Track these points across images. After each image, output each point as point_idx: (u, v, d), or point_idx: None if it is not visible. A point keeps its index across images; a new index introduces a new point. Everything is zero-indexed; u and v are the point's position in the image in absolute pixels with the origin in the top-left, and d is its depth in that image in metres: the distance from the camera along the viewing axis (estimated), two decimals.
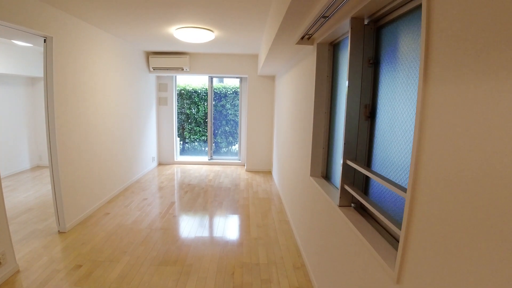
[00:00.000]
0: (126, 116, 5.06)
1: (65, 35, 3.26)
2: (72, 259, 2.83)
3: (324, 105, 2.46)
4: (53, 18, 3.06)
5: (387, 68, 1.54)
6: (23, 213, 3.87)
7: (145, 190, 4.99)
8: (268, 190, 5.08)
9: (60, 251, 2.96)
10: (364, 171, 1.53)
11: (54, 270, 2.63)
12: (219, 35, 4.23)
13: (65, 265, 2.72)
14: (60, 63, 3.21)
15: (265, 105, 6.40)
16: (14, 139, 5.93)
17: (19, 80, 5.92)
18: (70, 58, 3.37)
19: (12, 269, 2.56)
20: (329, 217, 2.05)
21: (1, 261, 2.43)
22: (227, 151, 7.58)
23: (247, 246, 3.11)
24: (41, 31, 2.90)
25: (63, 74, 3.26)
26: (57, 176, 3.25)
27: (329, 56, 2.34)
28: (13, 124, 5.89)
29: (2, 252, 2.45)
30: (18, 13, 2.62)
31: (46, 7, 2.95)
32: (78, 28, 3.50)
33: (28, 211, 3.93)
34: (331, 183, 2.34)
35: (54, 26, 3.08)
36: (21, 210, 3.96)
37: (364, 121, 1.74)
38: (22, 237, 3.21)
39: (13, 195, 4.59)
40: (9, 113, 5.78)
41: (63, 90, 3.27)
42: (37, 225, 3.50)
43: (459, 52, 0.82)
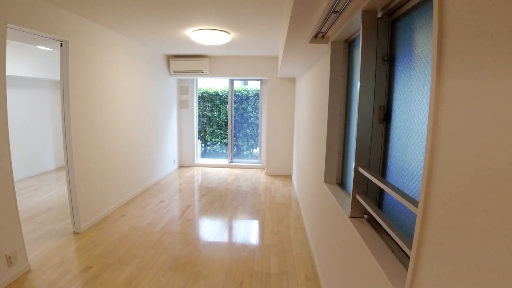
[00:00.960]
0: (145, 119, 5.10)
1: (81, 39, 3.30)
2: (83, 260, 2.83)
3: (339, 107, 2.31)
4: (69, 23, 3.10)
5: (403, 65, 1.38)
6: (43, 212, 3.96)
7: (163, 192, 4.99)
8: (287, 195, 4.93)
9: (73, 251, 2.97)
10: (374, 180, 1.38)
11: (64, 271, 2.64)
12: (236, 37, 4.16)
13: (76, 266, 2.72)
14: (76, 66, 3.25)
15: (285, 108, 6.27)
16: (40, 140, 6.15)
17: (44, 84, 6.14)
18: (86, 62, 3.41)
19: (24, 268, 2.59)
20: (340, 229, 1.90)
21: (12, 260, 2.45)
22: (248, 154, 7.50)
23: (259, 254, 2.99)
24: (57, 35, 2.94)
25: (79, 77, 3.30)
26: (72, 177, 3.28)
27: (344, 55, 2.19)
28: (39, 126, 6.12)
29: (13, 251, 2.48)
30: (35, 18, 2.67)
31: (61, 12, 2.99)
32: (94, 31, 3.54)
33: (47, 211, 4.01)
34: (345, 191, 2.18)
35: (70, 30, 3.12)
36: (41, 210, 4.05)
37: (378, 124, 1.58)
38: (38, 236, 3.26)
39: (36, 194, 4.73)
40: (35, 115, 6.00)
41: (79, 93, 3.31)
42: (54, 225, 3.55)
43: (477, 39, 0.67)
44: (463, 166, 0.71)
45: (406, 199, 1.08)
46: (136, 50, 4.66)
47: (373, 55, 1.52)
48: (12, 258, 2.46)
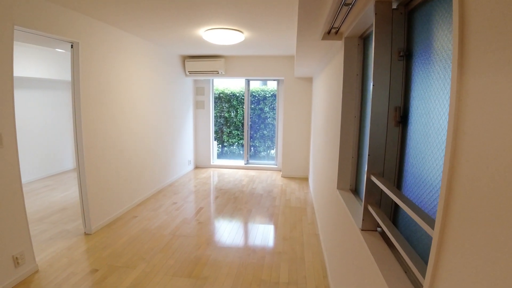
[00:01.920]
0: (161, 119, 5.07)
1: (92, 40, 3.28)
2: (91, 262, 2.79)
3: (354, 108, 2.15)
4: (79, 24, 3.08)
5: (422, 61, 1.22)
6: (56, 212, 3.99)
7: (176, 194, 4.95)
8: (302, 199, 4.77)
9: (82, 253, 2.95)
10: (388, 191, 1.23)
11: (71, 273, 2.61)
12: (249, 36, 4.05)
13: (83, 268, 2.69)
14: (87, 68, 3.23)
15: (302, 108, 6.10)
16: (59, 140, 6.26)
17: (63, 85, 6.26)
18: (97, 63, 3.39)
19: (31, 269, 2.58)
20: (352, 241, 1.74)
21: (19, 261, 2.44)
22: (265, 156, 7.38)
23: (269, 261, 2.86)
24: (67, 37, 2.93)
25: (90, 79, 3.28)
26: (83, 178, 3.27)
27: (358, 52, 2.03)
28: (58, 126, 6.23)
29: (20, 252, 2.47)
30: (44, 20, 2.66)
31: (72, 14, 2.97)
32: (106, 32, 3.51)
33: (61, 211, 4.04)
34: (359, 199, 2.02)
35: (80, 31, 3.10)
36: (55, 210, 4.09)
37: (394, 127, 1.42)
38: (49, 237, 3.26)
39: (52, 194, 4.79)
40: (54, 116, 6.12)
41: (90, 94, 3.29)
42: (66, 226, 3.56)
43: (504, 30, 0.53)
44: (491, 180, 0.57)
45: (421, 217, 0.93)
46: (150, 51, 4.64)
47: (388, 50, 1.36)
48: (19, 259, 2.45)
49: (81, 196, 3.32)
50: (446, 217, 0.74)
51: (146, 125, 4.62)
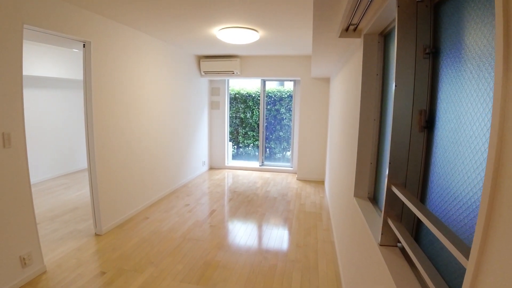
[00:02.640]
0: (175, 120, 5.03)
1: (104, 40, 3.25)
2: (99, 264, 2.75)
3: (373, 110, 2.00)
4: (91, 23, 3.05)
5: (451, 59, 1.08)
6: (69, 211, 4.00)
7: (189, 196, 4.89)
8: (317, 203, 4.62)
9: (91, 254, 2.92)
10: (411, 205, 1.09)
11: (78, 275, 2.57)
12: (265, 35, 3.94)
13: (91, 271, 2.64)
14: (100, 67, 3.20)
15: (319, 109, 5.94)
16: (75, 138, 6.34)
17: (77, 84, 6.32)
18: (110, 62, 3.36)
19: (39, 269, 2.56)
20: (369, 255, 1.60)
21: (26, 261, 2.42)
22: (280, 157, 7.25)
23: (281, 269, 2.74)
24: (79, 36, 2.91)
25: (102, 78, 3.25)
26: (94, 178, 3.24)
27: (379, 50, 1.88)
28: (74, 125, 6.31)
29: (28, 253, 2.45)
30: (55, 20, 2.63)
31: (84, 13, 2.94)
32: (118, 32, 3.48)
33: (73, 210, 4.04)
34: (378, 209, 1.87)
35: (92, 31, 3.07)
36: (68, 209, 4.10)
37: (418, 132, 1.28)
38: (60, 237, 3.25)
39: (66, 193, 4.83)
40: (70, 115, 6.20)
41: (101, 94, 3.26)
42: (78, 225, 3.55)
43: None
44: None
45: (452, 241, 0.79)
46: (165, 50, 4.60)
47: (412, 47, 1.22)
48: (26, 259, 2.42)
49: (92, 196, 3.29)
50: (485, 246, 0.61)
51: (160, 125, 4.58)
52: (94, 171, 3.23)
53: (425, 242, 1.24)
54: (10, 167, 2.28)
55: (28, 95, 5.23)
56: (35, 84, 5.35)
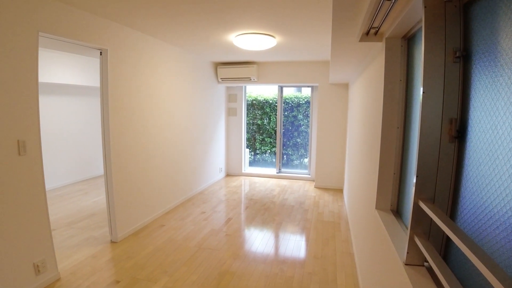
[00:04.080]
0: (192, 126, 5.03)
1: (121, 47, 3.27)
2: (113, 273, 2.73)
3: (396, 118, 1.90)
4: (108, 31, 3.08)
5: (484, 63, 0.98)
6: (86, 218, 4.03)
7: (205, 203, 4.85)
8: (336, 212, 4.48)
9: (105, 262, 2.90)
10: (440, 223, 0.99)
11: (92, 283, 2.55)
12: (281, 41, 3.88)
13: (105, 279, 2.62)
14: (116, 74, 3.22)
15: (337, 116, 5.81)
16: (93, 145, 6.45)
17: (95, 91, 6.45)
18: (127, 70, 3.38)
19: (53, 277, 2.56)
20: (393, 275, 1.49)
21: (40, 269, 2.42)
22: (298, 164, 7.14)
23: (298, 282, 2.64)
24: (96, 44, 2.93)
25: (119, 85, 3.27)
26: (110, 185, 3.25)
27: (402, 54, 1.79)
28: (92, 131, 6.42)
29: (42, 260, 2.45)
30: (71, 27, 2.66)
31: (100, 20, 2.97)
32: (135, 39, 3.50)
33: (90, 217, 4.07)
34: (402, 223, 1.76)
35: (109, 38, 3.10)
36: (85, 215, 4.13)
37: (448, 143, 1.18)
38: (76, 243, 3.27)
39: (83, 199, 4.88)
40: (88, 121, 6.31)
41: (119, 101, 3.28)
42: (94, 232, 3.56)
43: None
44: None
45: (487, 265, 0.69)
46: (182, 57, 4.61)
47: (441, 50, 1.13)
48: (40, 266, 2.43)
49: (108, 203, 3.29)
50: None
51: (177, 132, 4.58)
52: (111, 178, 3.24)
53: (455, 263, 1.13)
54: (25, 174, 2.29)
55: (47, 102, 5.37)
56: (54, 91, 5.48)
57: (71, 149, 5.89)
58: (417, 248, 1.24)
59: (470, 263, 1.00)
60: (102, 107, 3.15)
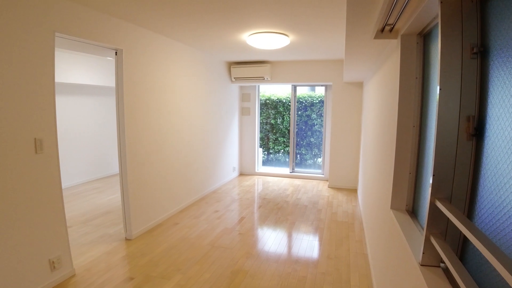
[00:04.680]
0: (206, 126, 5.06)
1: (135, 47, 3.32)
2: (127, 269, 2.77)
3: (412, 116, 1.86)
4: (123, 31, 3.13)
5: (503, 58, 0.95)
6: (101, 215, 4.11)
7: (219, 202, 4.88)
8: (350, 212, 4.44)
9: (120, 259, 2.95)
10: (457, 222, 0.97)
11: (107, 279, 2.60)
12: (295, 40, 3.86)
13: (119, 276, 2.67)
14: (131, 74, 3.28)
15: (351, 115, 5.75)
16: (109, 144, 6.58)
17: (110, 91, 6.58)
18: (141, 69, 3.43)
19: (68, 273, 2.62)
20: (408, 276, 1.46)
21: (55, 265, 2.48)
22: (311, 164, 7.10)
23: (310, 282, 2.62)
24: (111, 44, 2.99)
25: (134, 85, 3.32)
26: (125, 183, 3.30)
27: (418, 51, 1.75)
28: (108, 130, 6.55)
29: (57, 256, 2.50)
30: (87, 28, 2.72)
31: (115, 21, 3.02)
32: (149, 39, 3.55)
33: (105, 214, 4.15)
34: (418, 223, 1.73)
35: (124, 38, 3.15)
36: (100, 213, 4.22)
37: (466, 141, 1.15)
38: (91, 240, 3.34)
39: (98, 196, 4.98)
40: (104, 121, 6.44)
41: (133, 100, 3.33)
42: (108, 229, 3.63)
43: None
44: None
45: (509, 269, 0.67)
46: (196, 57, 4.65)
47: (458, 46, 1.10)
48: (55, 263, 2.48)
49: (123, 201, 3.35)
50: None
51: (191, 132, 4.62)
52: (126, 176, 3.29)
53: (472, 264, 1.10)
54: (42, 172, 2.36)
55: (64, 101, 5.51)
56: (70, 91, 5.61)
57: (86, 148, 6.03)
58: (433, 248, 1.22)
59: (488, 264, 0.97)
60: (118, 107, 3.21)
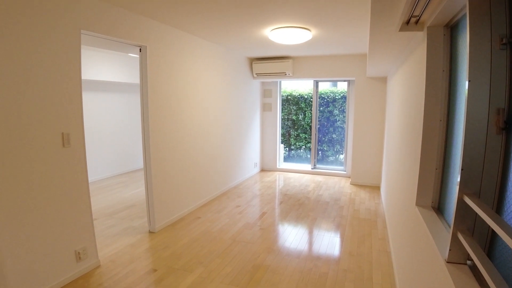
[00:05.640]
0: (228, 121, 5.11)
1: (159, 44, 3.39)
2: (151, 261, 2.86)
3: (439, 110, 1.81)
4: (146, 28, 3.20)
5: None
6: (125, 209, 4.24)
7: (240, 197, 4.92)
8: (372, 210, 4.37)
9: (143, 251, 3.04)
10: (486, 218, 0.94)
11: (130, 271, 2.68)
12: (317, 34, 3.82)
13: (142, 267, 2.75)
14: (155, 71, 3.35)
15: (374, 111, 5.63)
16: (134, 139, 6.77)
17: (135, 88, 6.75)
18: (165, 66, 3.49)
19: (93, 263, 2.71)
20: (433, 273, 1.43)
21: (81, 256, 2.57)
22: (333, 160, 7.02)
23: (332, 279, 2.61)
24: (135, 41, 3.06)
25: (157, 81, 3.39)
26: (149, 178, 3.39)
27: (444, 43, 1.70)
28: (133, 126, 6.73)
29: (83, 247, 2.60)
30: (112, 25, 2.80)
31: (139, 18, 3.09)
32: (172, 36, 3.61)
33: (130, 208, 4.28)
34: (444, 220, 1.68)
35: (148, 35, 3.22)
36: (125, 206, 4.35)
37: (496, 134, 1.11)
38: (116, 233, 3.45)
39: (123, 190, 5.15)
40: (127, 117, 6.63)
41: (157, 97, 3.40)
42: (133, 222, 3.74)
43: None
44: None
45: None
46: (218, 53, 4.69)
47: (487, 37, 1.06)
48: (81, 254, 2.58)
49: (147, 195, 3.45)
50: None
51: (214, 127, 4.68)
52: (150, 171, 3.38)
53: (500, 261, 1.07)
54: (69, 165, 2.45)
55: (90, 98, 5.70)
56: (95, 88, 5.80)
57: (111, 143, 6.23)
58: (460, 245, 1.18)
59: None
60: (142, 103, 3.29)
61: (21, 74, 2.08)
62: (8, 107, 2.01)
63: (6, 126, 2.01)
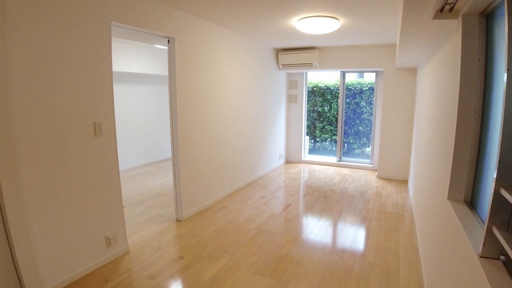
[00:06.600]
0: (253, 113, 5.14)
1: (186, 35, 3.44)
2: (178, 249, 2.95)
3: (474, 101, 1.74)
4: (174, 19, 3.25)
5: None
6: (153, 197, 4.38)
7: (265, 188, 4.96)
8: (400, 204, 4.28)
9: (171, 239, 3.14)
10: None
11: (158, 257, 2.78)
12: (345, 23, 3.74)
13: (170, 254, 2.85)
14: (183, 62, 3.40)
15: (403, 102, 5.46)
16: (162, 130, 6.94)
17: (163, 79, 6.89)
18: (192, 57, 3.55)
19: (122, 249, 2.83)
20: (464, 268, 1.40)
21: (111, 242, 2.69)
22: (359, 153, 6.90)
23: (358, 272, 2.59)
24: (164, 32, 3.12)
25: (185, 72, 3.45)
26: (177, 167, 3.48)
27: (480, 32, 1.62)
28: (162, 117, 6.90)
29: (113, 233, 2.72)
30: (141, 17, 2.86)
31: (167, 9, 3.14)
32: (199, 27, 3.65)
33: (157, 196, 4.42)
34: (476, 215, 1.63)
35: (176, 27, 3.28)
36: (153, 195, 4.50)
37: None
38: (144, 220, 3.59)
39: (151, 180, 5.31)
40: (155, 108, 6.81)
41: (185, 87, 3.47)
42: (161, 211, 3.87)
43: None
44: None
45: None
46: (244, 44, 4.70)
47: None
48: (111, 240, 2.70)
49: (174, 184, 3.55)
50: None
51: (240, 118, 4.72)
52: (177, 161, 3.47)
53: None
54: (101, 153, 2.56)
55: (120, 90, 5.89)
56: (124, 80, 5.98)
57: (140, 134, 6.43)
58: (495, 239, 1.15)
59: None
60: (170, 94, 3.37)
61: (55, 65, 2.17)
62: (43, 97, 2.12)
63: (42, 114, 2.12)
